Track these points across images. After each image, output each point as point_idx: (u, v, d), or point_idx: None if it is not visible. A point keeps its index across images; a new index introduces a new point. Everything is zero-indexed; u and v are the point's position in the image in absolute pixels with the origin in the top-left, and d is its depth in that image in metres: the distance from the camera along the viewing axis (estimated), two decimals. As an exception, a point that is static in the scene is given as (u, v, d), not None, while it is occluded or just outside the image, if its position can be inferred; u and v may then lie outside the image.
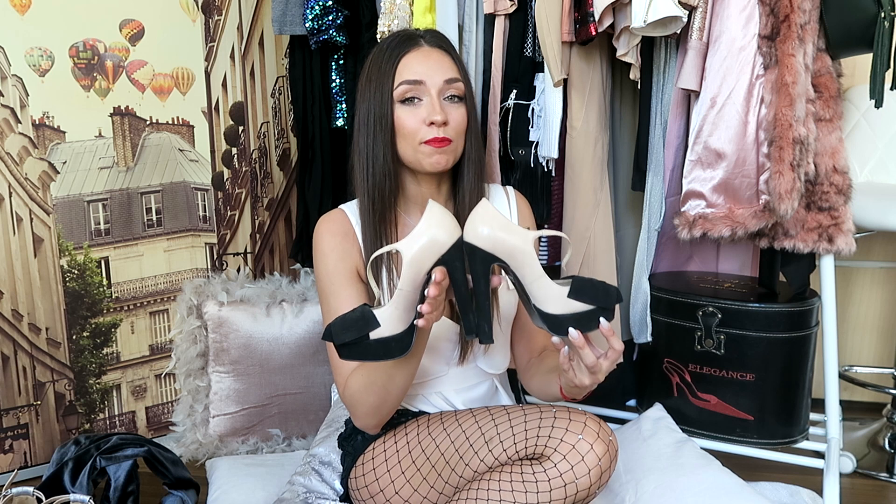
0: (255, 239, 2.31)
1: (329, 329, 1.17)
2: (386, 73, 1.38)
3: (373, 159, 1.38)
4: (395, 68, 1.37)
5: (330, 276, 1.41)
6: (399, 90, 1.37)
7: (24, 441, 1.93)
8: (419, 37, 1.41)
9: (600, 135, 1.74)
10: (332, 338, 1.16)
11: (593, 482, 1.19)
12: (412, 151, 1.37)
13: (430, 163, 1.37)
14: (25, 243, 1.91)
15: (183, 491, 1.70)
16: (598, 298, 1.15)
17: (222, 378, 1.99)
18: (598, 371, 1.19)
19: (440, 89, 1.37)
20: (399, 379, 1.28)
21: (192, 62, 2.12)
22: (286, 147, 2.34)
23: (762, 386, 1.77)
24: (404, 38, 1.41)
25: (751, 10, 1.58)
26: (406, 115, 1.37)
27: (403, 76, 1.37)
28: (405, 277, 1.15)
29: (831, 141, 1.66)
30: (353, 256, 1.42)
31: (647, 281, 1.80)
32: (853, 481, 1.93)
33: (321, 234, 1.44)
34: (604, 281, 1.17)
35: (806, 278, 1.79)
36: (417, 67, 1.37)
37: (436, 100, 1.36)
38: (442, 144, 1.36)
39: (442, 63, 1.39)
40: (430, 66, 1.37)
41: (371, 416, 1.34)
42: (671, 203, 1.77)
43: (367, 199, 1.40)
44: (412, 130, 1.36)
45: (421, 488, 1.33)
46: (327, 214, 1.48)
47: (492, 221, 1.15)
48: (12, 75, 1.86)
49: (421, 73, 1.37)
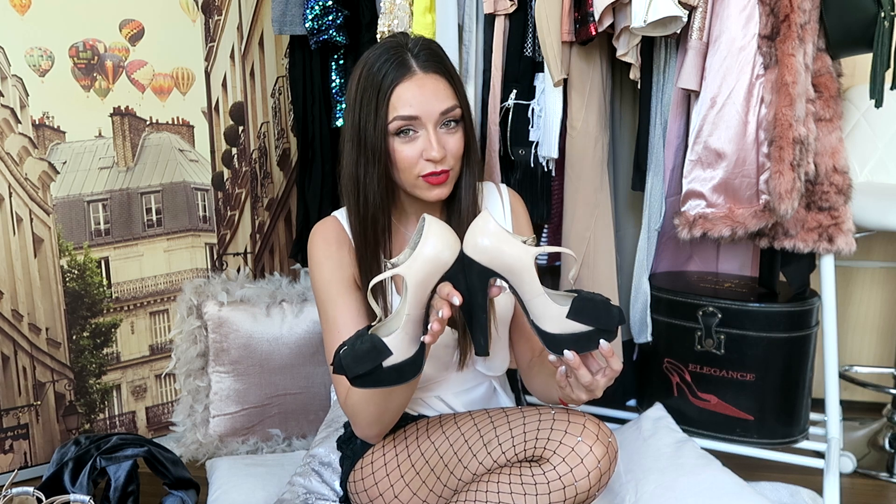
0: (255, 239, 2.31)
1: (340, 363, 1.12)
2: (379, 103, 1.30)
3: (366, 189, 1.34)
4: (389, 100, 1.30)
5: (327, 285, 1.39)
6: (393, 125, 1.30)
7: (25, 441, 1.93)
8: (412, 57, 1.31)
9: (600, 135, 1.73)
10: (344, 371, 1.12)
11: (593, 484, 1.19)
12: (411, 182, 1.34)
13: (430, 196, 1.34)
14: (25, 243, 1.91)
15: (183, 491, 1.70)
16: (598, 319, 1.12)
17: (222, 378, 1.99)
18: (595, 388, 1.19)
19: (436, 122, 1.31)
20: (399, 391, 1.27)
21: (192, 62, 2.12)
22: (286, 147, 2.34)
23: (762, 386, 1.77)
24: (396, 62, 1.31)
25: (751, 10, 1.58)
26: (402, 147, 1.32)
27: (398, 111, 1.30)
28: (412, 301, 1.12)
29: (831, 141, 1.66)
30: (350, 265, 1.40)
31: (647, 281, 1.80)
32: (853, 481, 1.93)
33: (316, 243, 1.42)
34: (607, 300, 1.14)
35: (806, 278, 1.79)
36: (412, 101, 1.29)
37: (432, 134, 1.30)
38: (441, 180, 1.32)
39: (437, 92, 1.31)
40: (425, 97, 1.30)
41: (372, 426, 1.33)
42: (671, 203, 1.77)
43: (360, 224, 1.37)
44: (409, 164, 1.32)
45: (420, 492, 1.33)
46: (321, 223, 1.46)
47: (492, 235, 1.12)
48: (12, 75, 1.86)
49: (416, 108, 1.29)
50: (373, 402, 1.29)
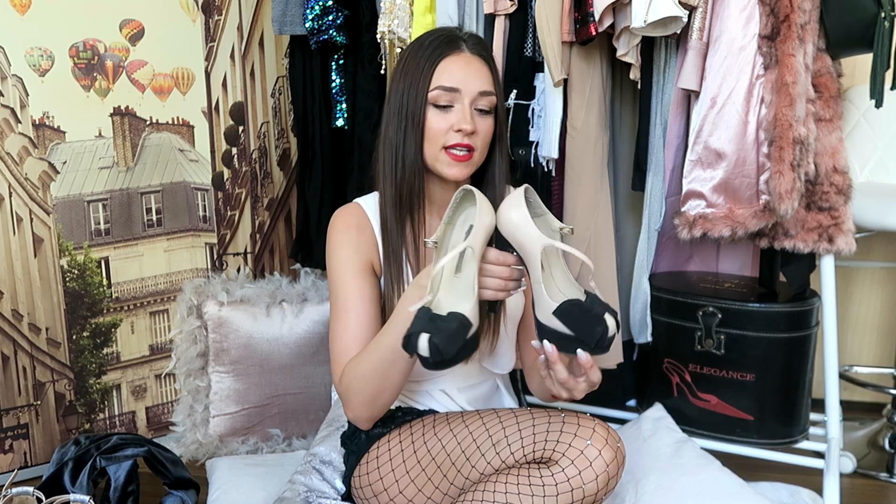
0: (255, 239, 2.31)
1: (437, 350, 1.10)
2: (424, 71, 1.36)
3: (403, 153, 1.38)
4: (434, 70, 1.36)
5: (343, 266, 1.40)
6: (434, 94, 1.36)
7: (24, 441, 1.93)
8: (462, 40, 1.39)
9: (600, 135, 1.73)
10: (442, 357, 1.11)
11: (600, 488, 1.19)
12: (433, 155, 1.37)
13: (448, 172, 1.37)
14: (25, 243, 1.91)
15: (183, 491, 1.70)
16: (579, 329, 1.13)
17: (222, 378, 1.99)
18: (572, 389, 1.21)
19: (473, 99, 1.36)
20: (401, 365, 1.27)
21: (192, 62, 2.12)
22: (286, 147, 2.34)
23: (762, 386, 1.77)
24: (448, 38, 1.39)
25: (751, 10, 1.58)
26: (436, 118, 1.36)
27: (441, 80, 1.36)
28: (475, 270, 1.17)
29: (831, 141, 1.66)
30: (369, 250, 1.42)
31: (647, 281, 1.80)
32: (853, 481, 1.93)
33: (336, 226, 1.44)
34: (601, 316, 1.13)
35: (806, 278, 1.79)
36: (457, 73, 1.36)
37: (467, 108, 1.36)
38: (463, 158, 1.36)
39: (480, 73, 1.38)
40: (468, 73, 1.36)
41: (366, 406, 1.33)
42: (671, 203, 1.77)
43: (395, 191, 1.39)
44: (439, 133, 1.36)
45: (425, 489, 1.33)
46: (343, 208, 1.48)
47: (519, 209, 1.18)
48: (12, 75, 1.86)
49: (458, 81, 1.36)
50: (370, 379, 1.30)
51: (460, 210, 1.28)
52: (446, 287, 1.19)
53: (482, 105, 1.38)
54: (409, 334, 1.12)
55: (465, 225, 1.26)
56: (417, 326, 1.12)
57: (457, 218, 1.28)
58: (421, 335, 1.11)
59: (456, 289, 1.19)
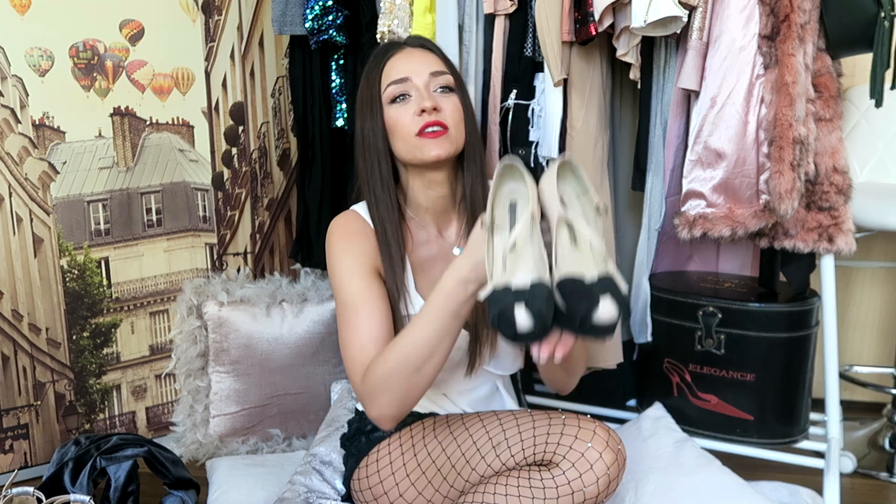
0: (255, 239, 2.31)
1: (540, 316, 1.06)
2: (374, 80, 1.42)
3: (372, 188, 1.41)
4: (381, 73, 1.41)
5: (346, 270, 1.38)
6: (388, 92, 1.39)
7: (25, 441, 1.93)
8: (403, 42, 1.47)
9: (600, 135, 1.73)
10: (545, 324, 1.06)
11: (601, 490, 1.19)
12: (411, 145, 1.36)
13: (430, 155, 1.36)
14: (25, 243, 1.91)
15: (183, 491, 1.70)
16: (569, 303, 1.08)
17: (222, 378, 1.99)
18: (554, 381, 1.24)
19: (427, 82, 1.39)
20: (438, 357, 1.22)
21: (192, 62, 2.12)
22: (286, 147, 2.34)
23: (762, 386, 1.77)
24: (387, 46, 1.47)
25: (751, 10, 1.58)
26: (398, 112, 1.38)
27: (390, 77, 1.40)
28: (540, 239, 1.14)
29: (831, 141, 1.66)
30: (372, 254, 1.41)
31: (647, 281, 1.80)
32: (853, 481, 1.93)
33: (335, 233, 1.43)
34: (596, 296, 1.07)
35: (806, 278, 1.79)
36: (401, 66, 1.40)
37: (423, 91, 1.38)
38: (437, 134, 1.35)
39: (425, 59, 1.42)
40: (414, 62, 1.41)
41: (395, 404, 1.24)
42: (671, 203, 1.77)
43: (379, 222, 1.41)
44: (405, 125, 1.37)
45: (426, 491, 1.32)
46: (340, 216, 1.47)
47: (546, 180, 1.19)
48: (12, 75, 1.86)
49: (405, 71, 1.40)
50: (403, 374, 1.22)
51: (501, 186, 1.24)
52: (513, 262, 1.13)
53: (439, 84, 1.40)
54: (499, 313, 1.07)
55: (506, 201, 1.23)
56: (507, 299, 1.07)
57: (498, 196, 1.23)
58: (515, 308, 1.06)
59: (525, 262, 1.13)
